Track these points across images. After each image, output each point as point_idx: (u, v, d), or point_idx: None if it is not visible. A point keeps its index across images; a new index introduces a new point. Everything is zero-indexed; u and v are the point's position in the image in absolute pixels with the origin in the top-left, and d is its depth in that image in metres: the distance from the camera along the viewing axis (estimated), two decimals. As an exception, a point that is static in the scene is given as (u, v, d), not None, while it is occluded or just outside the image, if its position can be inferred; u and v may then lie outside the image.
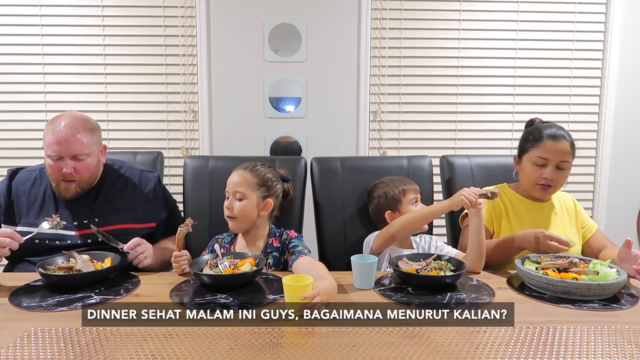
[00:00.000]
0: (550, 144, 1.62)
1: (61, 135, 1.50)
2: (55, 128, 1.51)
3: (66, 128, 1.51)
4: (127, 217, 1.63)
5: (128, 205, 1.65)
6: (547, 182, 1.64)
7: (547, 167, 1.63)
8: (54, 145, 1.51)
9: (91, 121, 1.60)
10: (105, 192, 1.65)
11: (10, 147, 2.62)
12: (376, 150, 2.78)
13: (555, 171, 1.63)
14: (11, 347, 1.01)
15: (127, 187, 1.68)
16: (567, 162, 1.63)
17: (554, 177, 1.63)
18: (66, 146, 1.51)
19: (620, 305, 1.25)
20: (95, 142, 1.59)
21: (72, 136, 1.51)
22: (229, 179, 1.63)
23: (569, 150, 1.63)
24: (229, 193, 1.61)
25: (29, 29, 2.58)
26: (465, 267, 1.42)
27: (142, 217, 1.66)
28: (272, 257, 1.59)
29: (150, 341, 1.04)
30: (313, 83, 2.69)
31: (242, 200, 1.59)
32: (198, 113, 2.68)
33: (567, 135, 1.65)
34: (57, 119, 1.54)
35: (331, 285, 1.27)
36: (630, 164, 2.83)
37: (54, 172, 1.54)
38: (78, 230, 1.58)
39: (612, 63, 2.73)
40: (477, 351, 1.01)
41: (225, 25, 2.64)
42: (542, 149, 1.63)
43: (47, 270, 1.37)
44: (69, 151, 1.52)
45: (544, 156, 1.63)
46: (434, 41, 2.71)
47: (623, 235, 2.94)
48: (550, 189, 1.66)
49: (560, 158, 1.62)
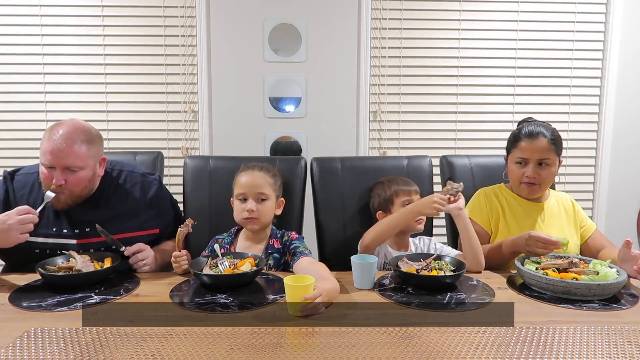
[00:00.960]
0: (526, 142, 1.64)
1: (56, 145, 1.44)
2: (52, 137, 1.46)
3: (62, 138, 1.45)
4: (129, 226, 1.59)
5: (130, 212, 1.61)
6: (529, 180, 1.65)
7: (528, 166, 1.64)
8: (47, 154, 1.45)
9: (92, 132, 1.53)
10: (106, 199, 1.60)
11: (10, 147, 2.62)
12: (376, 150, 2.78)
13: (537, 169, 1.64)
14: (11, 347, 1.01)
15: (129, 194, 1.63)
16: (548, 159, 1.63)
17: (535, 174, 1.64)
18: (59, 157, 1.45)
19: (620, 305, 1.25)
20: (93, 154, 1.52)
21: (67, 147, 1.45)
22: (246, 181, 1.61)
23: (547, 146, 1.62)
24: (248, 195, 1.59)
25: (29, 29, 2.58)
26: (465, 267, 1.42)
27: (145, 224, 1.63)
28: (273, 258, 1.59)
29: (150, 341, 1.04)
30: (313, 83, 2.69)
31: (264, 201, 1.60)
32: (198, 113, 2.68)
33: (546, 131, 1.65)
34: (56, 126, 1.49)
35: (333, 286, 1.27)
36: (630, 163, 2.83)
37: (45, 180, 1.49)
38: (78, 239, 1.54)
39: (612, 63, 2.73)
40: (477, 351, 1.01)
41: (225, 25, 2.64)
42: (520, 148, 1.66)
43: (47, 271, 1.38)
44: (61, 162, 1.46)
45: (523, 155, 1.65)
46: (434, 41, 2.71)
47: (623, 235, 2.95)
48: (535, 187, 1.66)
49: (539, 156, 1.63)
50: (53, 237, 1.53)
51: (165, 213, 1.72)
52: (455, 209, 1.57)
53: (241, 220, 1.61)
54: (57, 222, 1.54)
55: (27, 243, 1.43)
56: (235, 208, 1.63)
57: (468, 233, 1.55)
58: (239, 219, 1.61)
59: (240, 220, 1.61)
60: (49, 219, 1.54)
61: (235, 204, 1.63)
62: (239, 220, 1.62)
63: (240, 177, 1.63)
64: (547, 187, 1.71)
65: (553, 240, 1.44)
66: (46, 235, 1.53)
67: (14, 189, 1.58)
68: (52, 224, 1.54)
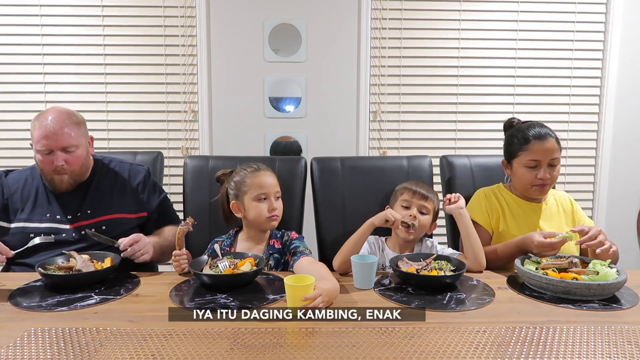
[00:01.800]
0: (538, 145, 1.62)
1: (49, 129, 1.51)
2: (43, 123, 1.52)
3: (53, 122, 1.52)
4: (118, 208, 1.65)
5: (119, 196, 1.68)
6: (542, 182, 1.64)
7: (540, 168, 1.63)
8: (43, 140, 1.51)
9: (76, 115, 1.61)
10: (96, 185, 1.67)
11: (10, 147, 2.62)
12: (376, 150, 2.78)
13: (548, 169, 1.64)
14: (11, 347, 1.01)
15: (118, 179, 1.71)
16: (557, 159, 1.64)
17: (548, 176, 1.64)
18: (55, 139, 1.52)
19: (620, 305, 1.25)
20: (82, 134, 1.60)
21: (60, 129, 1.52)
22: (267, 181, 1.61)
23: (556, 147, 1.64)
24: (268, 195, 1.59)
25: (29, 29, 2.58)
26: (465, 267, 1.42)
27: (133, 207, 1.69)
28: (273, 258, 1.59)
29: (150, 341, 1.04)
30: (313, 83, 2.69)
31: (279, 199, 1.63)
32: (198, 113, 2.68)
33: (550, 131, 1.66)
34: (42, 114, 1.55)
35: (333, 286, 1.27)
36: (630, 163, 2.83)
37: (46, 166, 1.55)
38: (71, 223, 1.60)
39: (612, 63, 2.73)
40: (477, 351, 1.01)
41: (225, 25, 2.64)
42: (531, 151, 1.63)
43: (47, 270, 1.38)
44: (58, 144, 1.53)
45: (535, 158, 1.63)
46: (434, 41, 2.71)
47: (623, 235, 2.96)
48: (546, 187, 1.67)
49: (551, 156, 1.63)
50: (47, 222, 1.59)
51: (152, 197, 1.76)
52: (456, 208, 1.58)
53: (265, 220, 1.59)
54: (50, 208, 1.61)
55: (21, 228, 1.56)
56: (254, 208, 1.59)
57: (469, 233, 1.56)
58: (263, 219, 1.59)
59: (264, 220, 1.59)
60: (42, 206, 1.61)
61: (253, 205, 1.59)
62: (262, 219, 1.59)
63: (256, 178, 1.61)
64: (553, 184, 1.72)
65: (557, 243, 1.47)
66: (40, 221, 1.59)
67: (8, 185, 1.65)
68: (46, 210, 1.61)
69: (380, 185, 1.85)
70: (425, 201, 1.64)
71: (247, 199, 1.60)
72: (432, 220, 1.67)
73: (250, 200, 1.60)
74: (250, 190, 1.60)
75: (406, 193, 1.66)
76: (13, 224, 1.59)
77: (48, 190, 1.63)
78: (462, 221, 1.58)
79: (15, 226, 1.59)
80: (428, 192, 1.66)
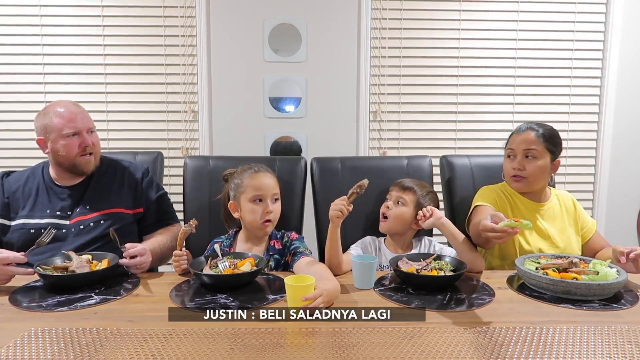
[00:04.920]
0: (515, 136, 1.71)
1: (72, 113, 1.59)
2: (59, 111, 1.59)
3: (71, 107, 1.61)
4: (116, 203, 1.67)
5: (117, 191, 1.69)
6: (516, 172, 1.67)
7: (516, 158, 1.68)
8: (69, 123, 1.58)
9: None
10: (96, 181, 1.69)
11: (10, 147, 2.62)
12: (376, 150, 2.78)
13: (523, 160, 1.66)
14: (11, 347, 1.01)
15: (117, 175, 1.72)
16: (534, 150, 1.65)
17: (521, 166, 1.66)
18: (82, 120, 1.61)
19: (620, 305, 1.25)
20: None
21: (81, 112, 1.62)
22: (263, 183, 1.59)
23: (533, 139, 1.66)
24: (265, 197, 1.58)
25: (29, 29, 2.58)
26: (465, 267, 1.42)
27: (130, 203, 1.70)
28: (274, 259, 1.59)
29: (150, 341, 1.04)
30: (313, 83, 2.69)
31: (277, 201, 1.61)
32: (198, 113, 2.68)
33: (538, 128, 1.68)
34: (50, 107, 1.61)
35: (334, 287, 1.27)
36: (630, 163, 2.83)
37: (72, 150, 1.59)
38: (71, 219, 1.61)
39: (612, 63, 2.73)
40: (477, 351, 1.01)
41: (225, 25, 2.64)
42: (509, 142, 1.73)
43: (45, 270, 1.37)
44: (85, 125, 1.61)
45: (510, 147, 1.71)
46: (434, 41, 2.71)
47: (623, 235, 2.95)
48: (523, 180, 1.68)
49: (525, 146, 1.66)
50: (47, 218, 1.60)
51: (150, 192, 1.76)
52: (436, 220, 1.55)
53: (259, 226, 1.57)
54: (50, 205, 1.62)
55: (22, 225, 1.58)
56: (250, 211, 1.57)
57: (457, 239, 1.54)
58: (259, 222, 1.56)
59: (258, 226, 1.57)
60: (43, 203, 1.62)
61: (249, 206, 1.57)
62: (256, 225, 1.57)
63: (254, 179, 1.59)
64: (536, 183, 1.68)
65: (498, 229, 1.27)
66: (41, 217, 1.60)
67: (9, 184, 1.66)
68: (46, 207, 1.62)
69: (381, 186, 1.84)
70: (403, 192, 1.68)
71: (243, 200, 1.60)
72: (414, 212, 1.64)
73: (246, 201, 1.59)
74: (246, 190, 1.59)
75: (391, 187, 1.72)
76: (14, 221, 1.60)
77: (49, 187, 1.65)
78: (446, 230, 1.55)
79: (16, 223, 1.59)
80: (411, 184, 1.69)
